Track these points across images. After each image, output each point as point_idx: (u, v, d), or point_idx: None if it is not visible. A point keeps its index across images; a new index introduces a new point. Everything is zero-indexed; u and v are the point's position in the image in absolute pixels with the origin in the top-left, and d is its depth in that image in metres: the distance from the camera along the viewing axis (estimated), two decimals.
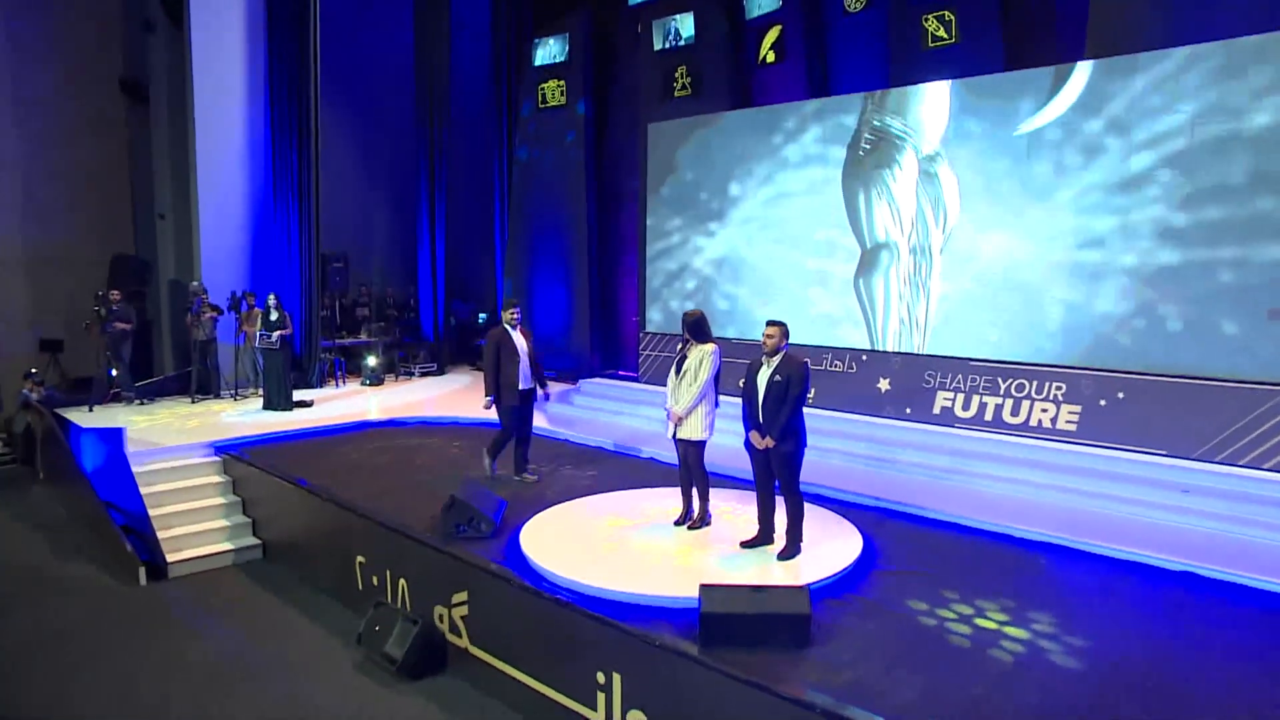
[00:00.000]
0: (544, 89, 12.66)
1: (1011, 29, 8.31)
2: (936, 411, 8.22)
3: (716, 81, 10.64)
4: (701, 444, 5.88)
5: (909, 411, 8.41)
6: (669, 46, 11.10)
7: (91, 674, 5.65)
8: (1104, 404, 7.24)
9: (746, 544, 5.60)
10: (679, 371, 5.85)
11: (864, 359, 8.92)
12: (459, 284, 15.02)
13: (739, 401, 5.58)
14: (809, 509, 5.66)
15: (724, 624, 4.28)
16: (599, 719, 4.61)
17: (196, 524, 7.74)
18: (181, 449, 8.37)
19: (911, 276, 8.57)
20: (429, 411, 10.52)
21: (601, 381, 11.45)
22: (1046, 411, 7.54)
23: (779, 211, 9.71)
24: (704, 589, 4.43)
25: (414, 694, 5.33)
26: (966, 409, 8.04)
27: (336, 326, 13.29)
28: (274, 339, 10.22)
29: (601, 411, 10.34)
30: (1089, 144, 7.34)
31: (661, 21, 11.11)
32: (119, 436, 8.22)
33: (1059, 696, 3.89)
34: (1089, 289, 7.38)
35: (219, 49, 11.52)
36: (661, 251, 11.01)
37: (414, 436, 9.32)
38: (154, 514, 7.51)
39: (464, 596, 5.55)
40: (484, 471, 7.32)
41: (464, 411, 10.21)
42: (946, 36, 8.51)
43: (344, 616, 6.40)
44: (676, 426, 5.85)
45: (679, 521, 6.05)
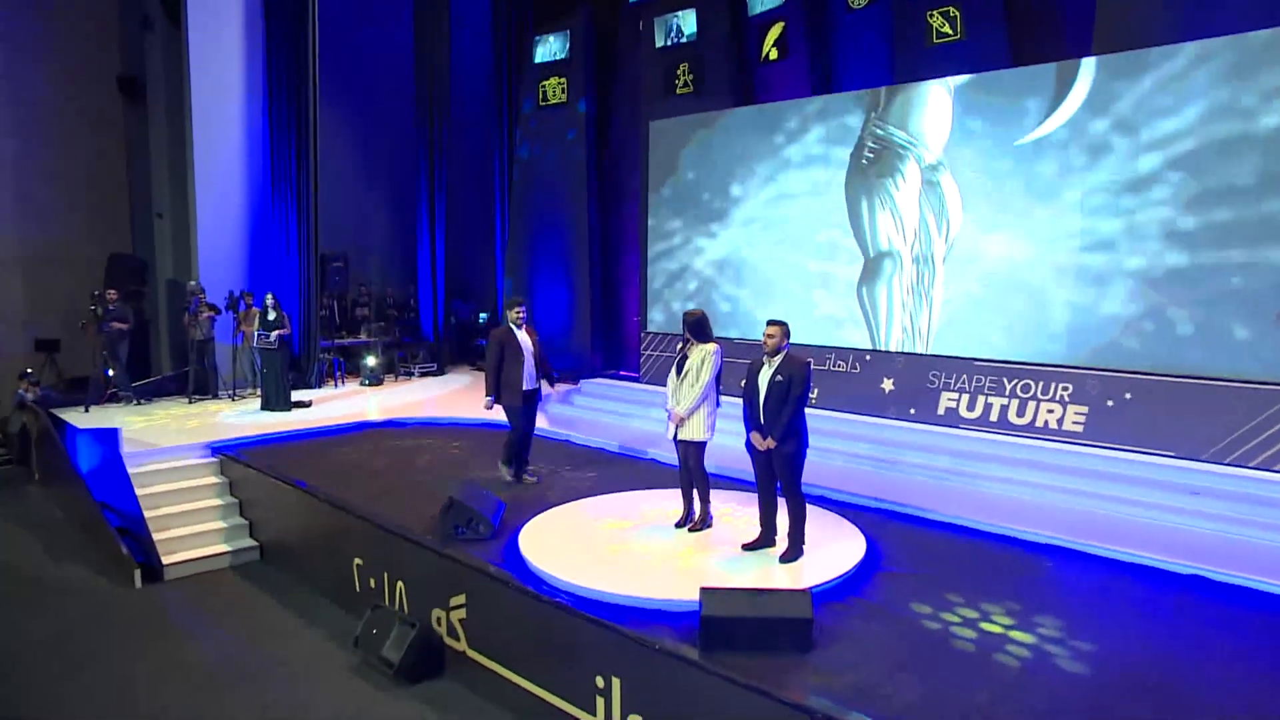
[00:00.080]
0: (545, 86, 12.61)
1: (1016, 25, 8.24)
2: (941, 412, 8.14)
3: (719, 79, 10.58)
4: (702, 445, 5.82)
5: (913, 412, 8.33)
6: (671, 43, 11.05)
7: (86, 677, 5.59)
8: (1111, 405, 7.16)
9: (748, 546, 5.54)
10: (680, 372, 5.79)
11: (867, 359, 8.84)
12: (459, 283, 14.95)
13: (740, 402, 5.52)
14: (811, 511, 5.58)
15: (725, 628, 4.22)
16: None
17: (193, 525, 7.67)
18: (178, 450, 8.30)
19: (915, 285, 8.50)
20: (428, 412, 10.46)
21: (602, 382, 11.39)
22: (1053, 412, 7.46)
23: (781, 212, 9.63)
24: (705, 592, 4.37)
25: (411, 698, 5.28)
26: (971, 410, 7.96)
27: (336, 326, 13.24)
28: (272, 339, 10.17)
29: (602, 412, 10.28)
30: (1095, 144, 7.26)
31: (663, 18, 11.06)
32: (115, 437, 8.17)
33: (1066, 703, 3.82)
34: (1096, 291, 7.30)
35: (217, 47, 11.47)
36: (663, 252, 10.95)
37: (413, 437, 9.26)
38: (150, 515, 7.45)
39: (462, 599, 5.49)
40: (501, 478, 7.20)
41: (464, 412, 10.15)
42: (951, 33, 8.44)
43: (341, 619, 6.34)
44: (677, 427, 5.79)
45: (680, 523, 5.99)
